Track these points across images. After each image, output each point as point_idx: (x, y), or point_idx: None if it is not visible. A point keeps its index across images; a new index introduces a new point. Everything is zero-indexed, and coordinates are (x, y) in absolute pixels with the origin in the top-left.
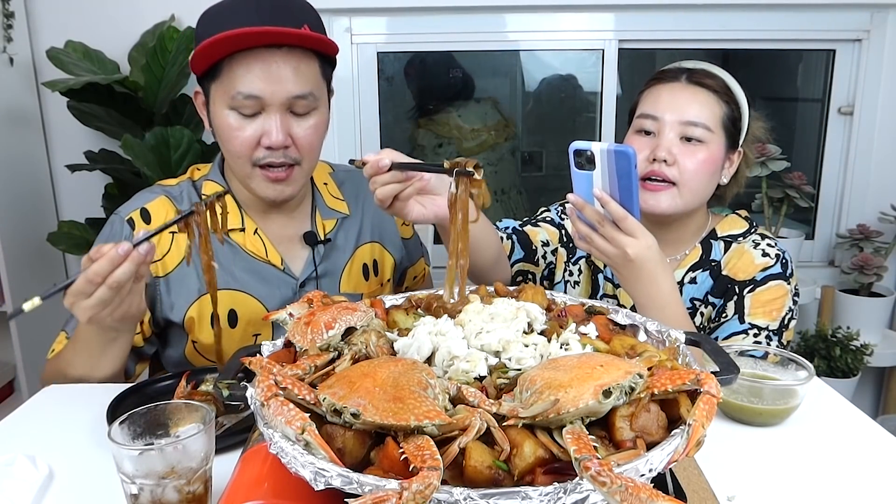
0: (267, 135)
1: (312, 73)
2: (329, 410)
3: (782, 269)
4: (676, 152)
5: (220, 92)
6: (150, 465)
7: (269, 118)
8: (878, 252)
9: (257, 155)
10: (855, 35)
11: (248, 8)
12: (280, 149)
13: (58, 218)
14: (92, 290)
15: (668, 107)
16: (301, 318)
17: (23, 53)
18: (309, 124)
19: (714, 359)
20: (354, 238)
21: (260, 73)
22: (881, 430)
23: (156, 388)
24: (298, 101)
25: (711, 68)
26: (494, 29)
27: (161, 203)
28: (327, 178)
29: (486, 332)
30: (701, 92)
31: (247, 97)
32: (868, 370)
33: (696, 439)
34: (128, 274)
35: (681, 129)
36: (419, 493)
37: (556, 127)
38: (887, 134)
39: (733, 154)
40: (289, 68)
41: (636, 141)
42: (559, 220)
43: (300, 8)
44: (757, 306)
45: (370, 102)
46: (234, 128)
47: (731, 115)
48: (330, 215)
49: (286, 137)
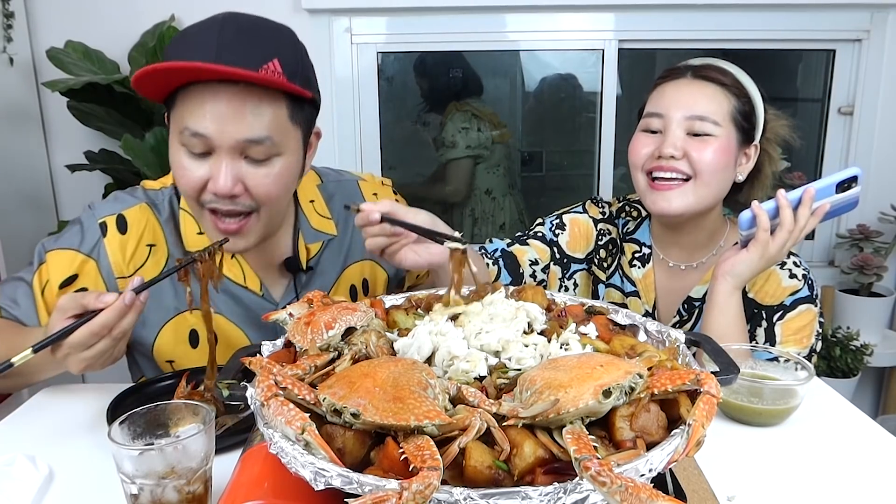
0: (213, 180)
1: (274, 116)
2: (329, 410)
3: (810, 291)
4: (685, 146)
5: (173, 123)
6: (150, 465)
7: (217, 161)
8: (878, 252)
9: (204, 198)
10: (855, 35)
11: (210, 33)
12: (227, 197)
13: (58, 218)
14: (95, 341)
15: (674, 103)
16: (301, 318)
17: (23, 53)
18: (266, 172)
19: (714, 359)
20: (342, 260)
21: (210, 110)
22: (881, 430)
23: (156, 388)
24: (252, 146)
25: (720, 63)
26: (494, 29)
27: (141, 211)
28: (314, 194)
29: (486, 332)
30: (707, 86)
31: (193, 135)
32: (868, 370)
33: (696, 439)
34: (132, 324)
35: (688, 125)
36: (419, 493)
37: (555, 127)
38: (887, 134)
39: (748, 149)
40: (243, 108)
41: (642, 139)
42: (551, 236)
43: (272, 38)
44: (788, 334)
45: (370, 102)
46: (182, 166)
47: (741, 108)
48: (315, 238)
49: (234, 185)
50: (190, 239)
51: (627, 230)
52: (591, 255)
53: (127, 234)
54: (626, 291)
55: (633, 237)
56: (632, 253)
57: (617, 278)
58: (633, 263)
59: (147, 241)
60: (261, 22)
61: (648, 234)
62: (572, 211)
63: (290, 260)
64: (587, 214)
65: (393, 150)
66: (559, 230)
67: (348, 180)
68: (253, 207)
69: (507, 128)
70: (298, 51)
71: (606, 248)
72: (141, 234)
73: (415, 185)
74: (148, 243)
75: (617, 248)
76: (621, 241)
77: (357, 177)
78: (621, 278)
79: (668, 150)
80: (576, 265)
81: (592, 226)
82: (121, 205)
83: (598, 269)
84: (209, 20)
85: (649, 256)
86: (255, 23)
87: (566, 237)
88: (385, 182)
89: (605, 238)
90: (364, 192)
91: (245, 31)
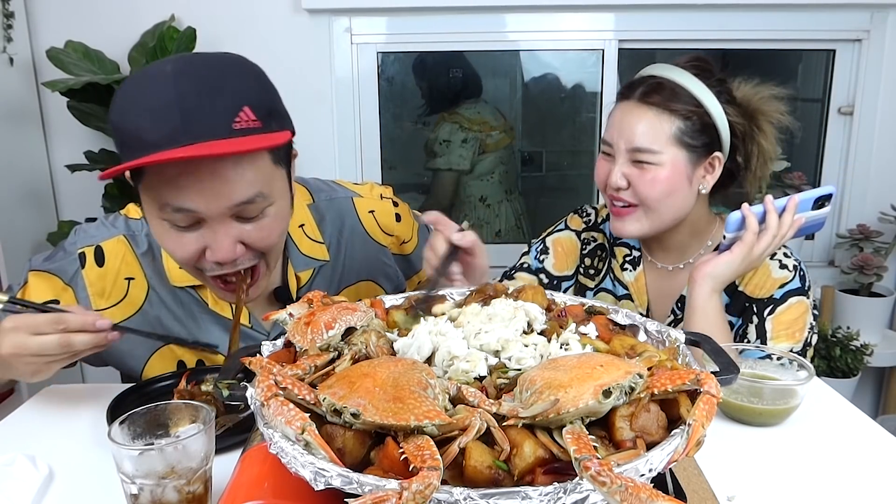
0: (211, 250)
1: (257, 170)
2: (329, 410)
3: (801, 282)
4: (629, 176)
5: (148, 197)
6: (150, 465)
7: (210, 231)
8: (878, 252)
9: (203, 265)
10: (855, 35)
11: (165, 96)
12: (229, 262)
13: (58, 218)
14: (47, 332)
15: (618, 132)
16: (301, 318)
17: (23, 53)
18: (262, 225)
19: (714, 359)
20: (335, 285)
21: (192, 187)
22: (881, 430)
23: (156, 388)
24: (244, 207)
25: (666, 75)
26: (494, 29)
27: (118, 243)
28: (305, 216)
29: (485, 332)
30: (647, 111)
31: (177, 210)
32: (868, 370)
33: (696, 439)
34: (85, 346)
35: (630, 155)
36: (419, 493)
37: (555, 127)
38: (887, 134)
39: (709, 160)
40: (225, 174)
41: (601, 163)
42: (537, 265)
43: (234, 81)
44: (780, 329)
45: (370, 103)
46: (171, 240)
47: (687, 128)
48: (305, 265)
49: (235, 248)
50: (174, 274)
51: None
52: (578, 267)
53: (105, 268)
54: (619, 295)
55: (623, 241)
56: (623, 256)
57: (608, 282)
58: (624, 267)
59: (125, 274)
60: (213, 63)
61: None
62: (555, 231)
63: (279, 289)
64: (569, 230)
65: (393, 151)
66: (544, 255)
67: (342, 198)
68: (256, 260)
69: (504, 133)
70: (261, 83)
71: (594, 255)
72: (118, 267)
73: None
74: (126, 276)
75: (606, 253)
76: (611, 246)
77: (353, 192)
78: (613, 282)
79: (614, 180)
80: (566, 283)
81: (576, 239)
82: (101, 236)
83: (585, 278)
84: (158, 73)
85: (639, 259)
86: (210, 67)
87: (551, 260)
88: (385, 194)
89: (591, 245)
90: (359, 211)
91: (204, 83)
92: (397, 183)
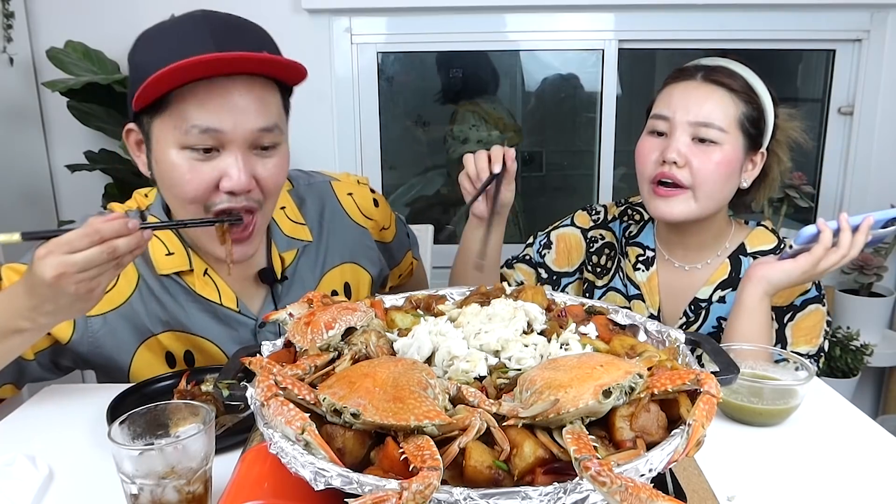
0: (228, 177)
1: (276, 104)
2: (329, 410)
3: (817, 291)
4: (688, 154)
5: (166, 129)
6: (150, 465)
7: (229, 157)
8: (878, 252)
9: (213, 200)
10: (855, 35)
11: (200, 31)
12: (243, 193)
13: (58, 218)
14: (85, 246)
15: (680, 106)
16: (301, 318)
17: (23, 53)
18: (274, 163)
19: (714, 359)
20: (320, 265)
21: (218, 105)
22: (881, 430)
23: (156, 388)
24: (264, 136)
25: (732, 65)
26: (494, 29)
27: None
28: (286, 199)
29: (485, 332)
30: (716, 90)
31: (204, 131)
32: (868, 370)
33: (696, 439)
34: (129, 249)
35: (693, 130)
36: (419, 493)
37: (556, 127)
38: (887, 134)
39: (755, 155)
40: (252, 98)
41: (648, 143)
42: (538, 259)
43: (256, 32)
44: (799, 335)
45: (370, 102)
46: (185, 170)
47: (749, 114)
48: (289, 246)
49: (250, 179)
50: (160, 261)
51: (630, 234)
52: (583, 264)
53: None
54: (630, 295)
55: (637, 241)
56: (635, 256)
57: (618, 282)
58: (636, 267)
59: None
60: (234, 17)
61: (652, 237)
62: (561, 226)
63: (264, 271)
64: (575, 226)
65: (393, 150)
66: (546, 249)
67: (320, 182)
68: (259, 202)
69: (514, 133)
70: (274, 43)
71: (601, 253)
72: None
73: (416, 187)
74: None
75: (615, 252)
76: (623, 245)
77: (329, 177)
78: (623, 282)
79: (672, 155)
80: (566, 279)
81: (581, 237)
82: None
83: (592, 275)
84: (184, 18)
85: (653, 259)
86: (233, 18)
87: (552, 255)
88: (362, 181)
89: (598, 243)
90: (337, 193)
91: (231, 22)
92: (397, 183)
